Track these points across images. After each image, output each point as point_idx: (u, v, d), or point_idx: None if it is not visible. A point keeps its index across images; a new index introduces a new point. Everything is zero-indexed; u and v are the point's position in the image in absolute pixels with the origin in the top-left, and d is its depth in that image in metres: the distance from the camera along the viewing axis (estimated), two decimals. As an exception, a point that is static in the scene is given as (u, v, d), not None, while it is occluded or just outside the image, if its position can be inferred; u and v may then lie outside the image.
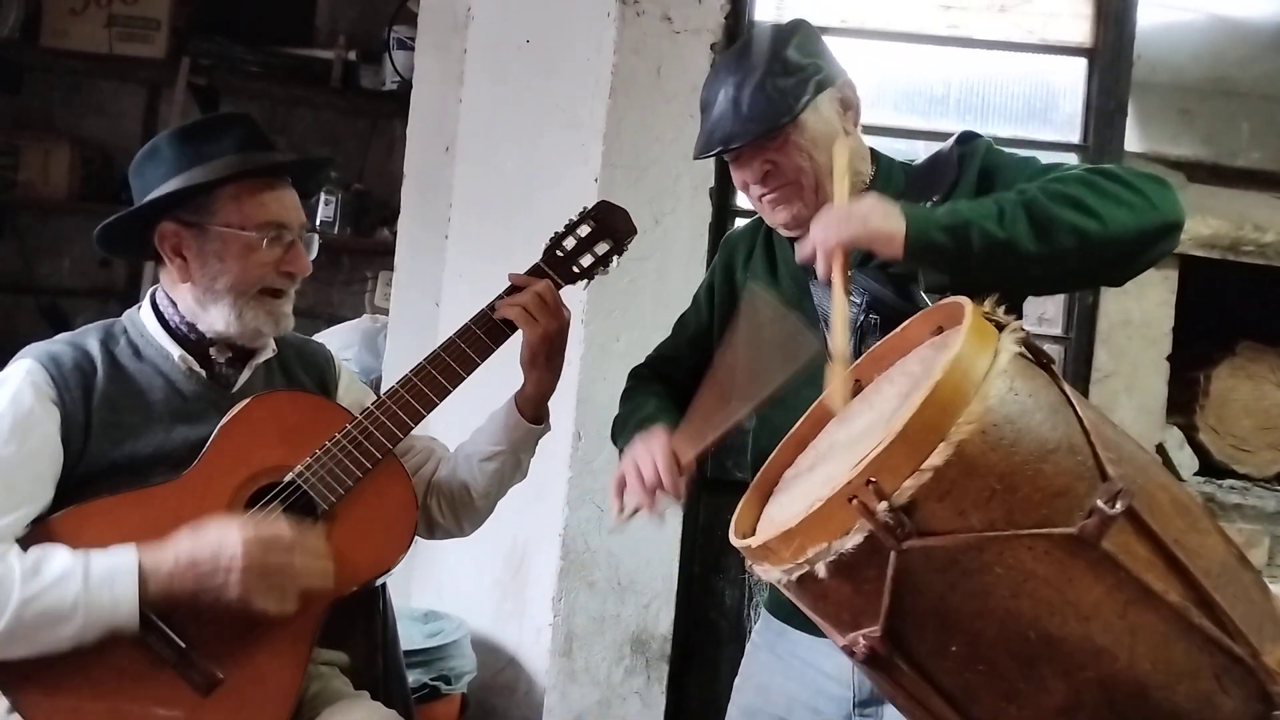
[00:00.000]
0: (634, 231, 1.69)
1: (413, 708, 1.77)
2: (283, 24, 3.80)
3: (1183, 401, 2.97)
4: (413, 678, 2.18)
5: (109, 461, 1.45)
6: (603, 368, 2.48)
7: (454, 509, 1.69)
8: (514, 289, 1.62)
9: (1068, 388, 1.04)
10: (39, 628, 1.32)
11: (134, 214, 1.53)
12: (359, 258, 3.95)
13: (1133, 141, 2.62)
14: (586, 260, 1.66)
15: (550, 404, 1.69)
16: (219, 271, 1.51)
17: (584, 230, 1.67)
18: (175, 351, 1.54)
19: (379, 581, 1.60)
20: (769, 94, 1.46)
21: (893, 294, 1.46)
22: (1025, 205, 1.30)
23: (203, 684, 1.40)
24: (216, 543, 1.36)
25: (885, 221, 1.29)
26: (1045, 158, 2.52)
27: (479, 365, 1.59)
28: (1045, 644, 0.94)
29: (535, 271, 1.64)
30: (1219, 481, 2.99)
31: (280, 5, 3.85)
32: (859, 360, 1.27)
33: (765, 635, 1.66)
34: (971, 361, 0.96)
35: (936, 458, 0.92)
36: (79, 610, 1.32)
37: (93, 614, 1.32)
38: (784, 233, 1.57)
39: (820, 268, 1.32)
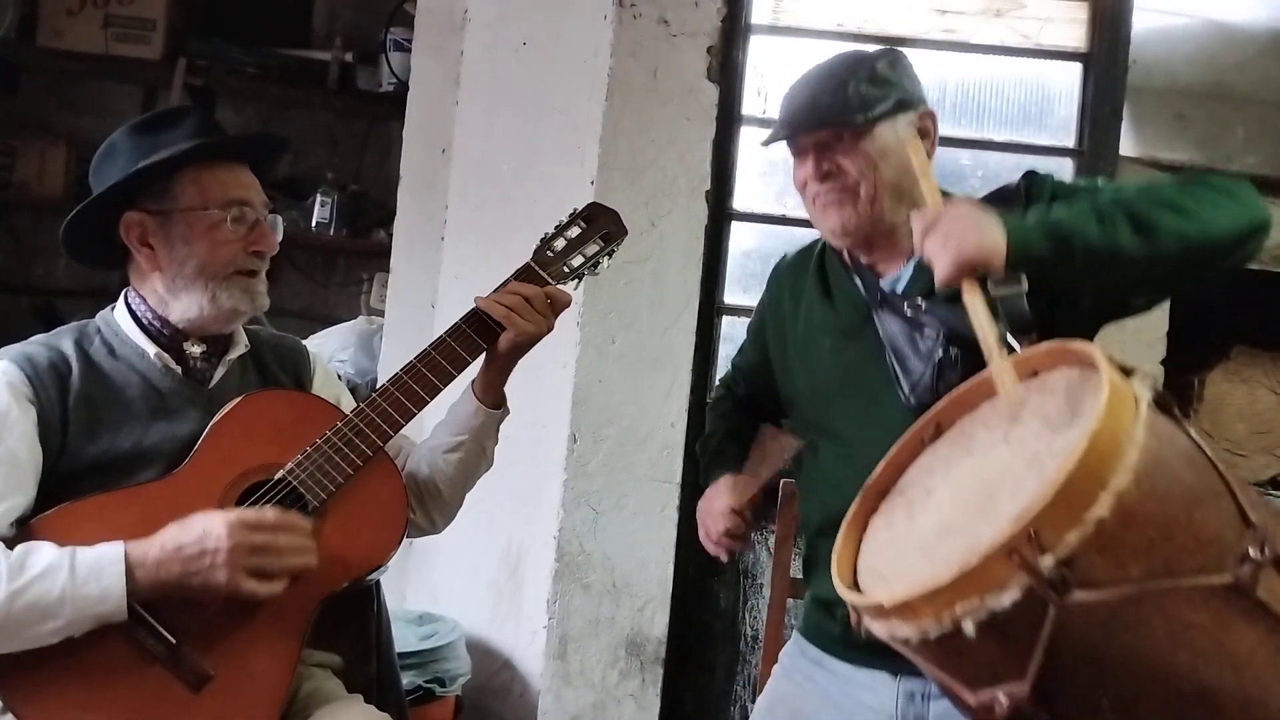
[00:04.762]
0: (624, 232, 1.69)
1: (407, 710, 1.77)
2: (279, 25, 3.79)
3: (1177, 405, 2.97)
4: (407, 680, 2.18)
5: (89, 459, 1.46)
6: (598, 370, 2.48)
7: (422, 504, 1.68)
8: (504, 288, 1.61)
9: (1193, 431, 1.02)
10: (27, 622, 1.32)
11: (98, 207, 1.54)
12: (355, 259, 3.94)
13: (1128, 146, 2.62)
14: (576, 261, 1.66)
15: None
16: (187, 255, 1.52)
17: (574, 231, 1.67)
18: (150, 349, 1.54)
19: (371, 578, 1.59)
20: (849, 94, 1.48)
21: (968, 326, 1.46)
22: (1124, 208, 1.28)
23: (193, 680, 1.40)
24: (201, 529, 1.37)
25: (984, 236, 1.26)
26: (1040, 162, 2.56)
27: (470, 364, 1.59)
28: (1199, 696, 0.92)
29: (524, 272, 1.63)
30: (1213, 485, 2.98)
31: (277, 6, 3.84)
32: (939, 404, 1.24)
33: (799, 661, 1.62)
34: (1121, 408, 0.94)
35: (1100, 509, 0.89)
36: (66, 603, 1.32)
37: (80, 606, 1.33)
38: (831, 240, 1.58)
39: (942, 280, 1.30)
